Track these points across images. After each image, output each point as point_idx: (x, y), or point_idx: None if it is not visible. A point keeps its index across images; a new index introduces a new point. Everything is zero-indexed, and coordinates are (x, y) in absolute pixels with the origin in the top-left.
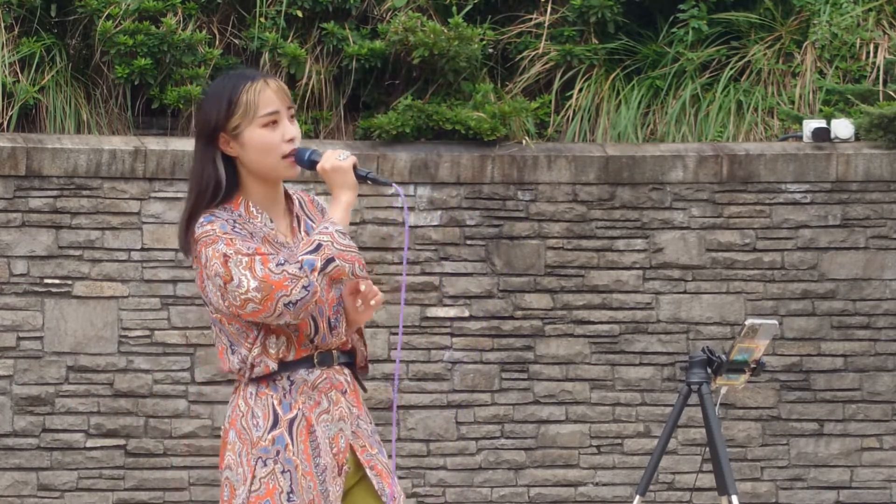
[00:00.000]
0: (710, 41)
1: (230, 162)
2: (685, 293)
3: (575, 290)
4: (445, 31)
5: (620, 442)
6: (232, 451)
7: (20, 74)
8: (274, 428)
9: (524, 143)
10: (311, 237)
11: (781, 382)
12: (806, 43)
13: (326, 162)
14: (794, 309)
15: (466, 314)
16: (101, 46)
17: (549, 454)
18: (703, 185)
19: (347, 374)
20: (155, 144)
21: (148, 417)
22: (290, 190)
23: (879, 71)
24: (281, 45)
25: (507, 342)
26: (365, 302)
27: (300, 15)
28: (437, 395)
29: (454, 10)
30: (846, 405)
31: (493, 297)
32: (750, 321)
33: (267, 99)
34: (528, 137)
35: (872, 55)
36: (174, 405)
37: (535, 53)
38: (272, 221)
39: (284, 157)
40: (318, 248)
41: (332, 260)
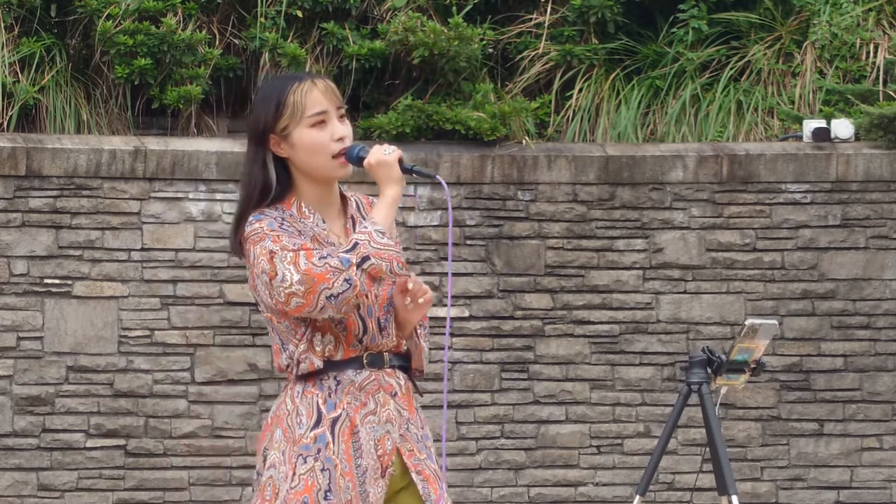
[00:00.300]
0: (710, 41)
1: (282, 164)
2: (685, 293)
3: (575, 290)
4: (445, 31)
5: (620, 442)
6: (277, 449)
7: (20, 74)
8: (317, 426)
9: (524, 143)
10: (350, 236)
11: (781, 382)
12: (806, 43)
13: (372, 157)
14: (794, 309)
15: (466, 314)
16: (101, 46)
17: (549, 454)
18: (703, 185)
19: (400, 376)
20: (155, 144)
21: (148, 417)
22: (347, 192)
23: (879, 71)
24: (281, 45)
25: (507, 342)
26: (414, 300)
27: (300, 15)
28: (437, 395)
29: (454, 10)
30: (846, 405)
31: (493, 297)
32: (750, 321)
33: (314, 99)
34: (528, 137)
35: (872, 55)
36: (174, 405)
37: (535, 53)
38: (325, 222)
39: (335, 156)
40: (354, 246)
41: (367, 258)
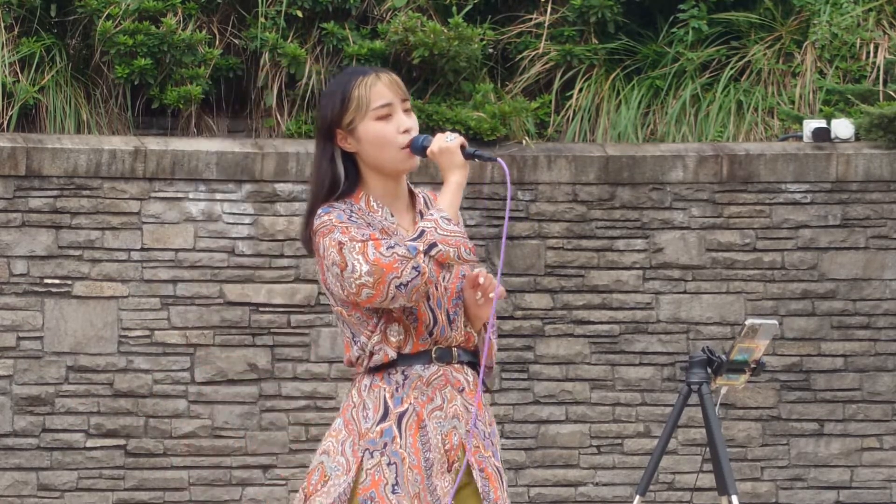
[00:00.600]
0: (710, 41)
1: (351, 159)
2: (685, 293)
3: (575, 290)
4: (445, 31)
5: (620, 442)
6: (335, 438)
7: (20, 74)
8: (383, 420)
9: (524, 143)
10: (417, 225)
11: (781, 382)
12: (806, 43)
13: (434, 145)
14: (794, 309)
15: None
16: (101, 46)
17: (549, 454)
18: (703, 185)
19: (469, 372)
20: (155, 144)
21: (148, 417)
22: (415, 189)
23: (879, 71)
24: (281, 45)
25: (507, 342)
26: (485, 294)
27: (300, 15)
28: None
29: (454, 10)
30: (846, 405)
31: None
32: (750, 321)
33: (378, 92)
34: (528, 137)
35: (872, 55)
36: (174, 405)
37: (535, 53)
38: (393, 216)
39: (402, 148)
40: (421, 234)
41: (434, 245)
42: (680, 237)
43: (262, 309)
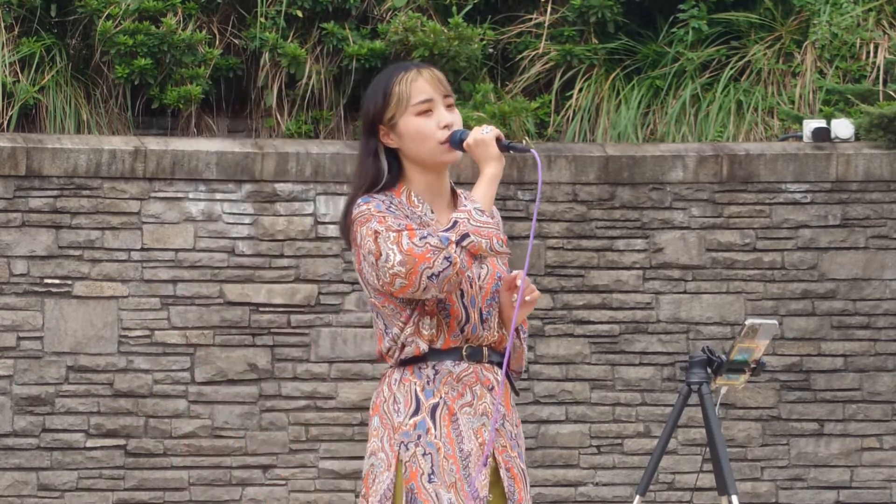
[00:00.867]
0: (710, 41)
1: (394, 154)
2: (685, 293)
3: (575, 290)
4: (445, 31)
5: (620, 442)
6: (376, 437)
7: (20, 74)
8: (416, 413)
9: (524, 143)
10: (450, 216)
11: (781, 382)
12: (806, 43)
13: (470, 137)
14: (794, 309)
15: None
16: (101, 46)
17: (549, 454)
18: (703, 185)
19: (498, 373)
20: (155, 144)
21: (148, 417)
22: (459, 189)
23: (879, 71)
24: (281, 45)
25: None
26: (521, 297)
27: (300, 15)
28: None
29: (454, 10)
30: (846, 405)
31: None
32: (750, 321)
33: (419, 88)
34: (528, 137)
35: (872, 55)
36: (174, 405)
37: (535, 53)
38: (433, 212)
39: (440, 143)
40: (454, 224)
41: (466, 236)
42: (680, 237)
43: (262, 309)
